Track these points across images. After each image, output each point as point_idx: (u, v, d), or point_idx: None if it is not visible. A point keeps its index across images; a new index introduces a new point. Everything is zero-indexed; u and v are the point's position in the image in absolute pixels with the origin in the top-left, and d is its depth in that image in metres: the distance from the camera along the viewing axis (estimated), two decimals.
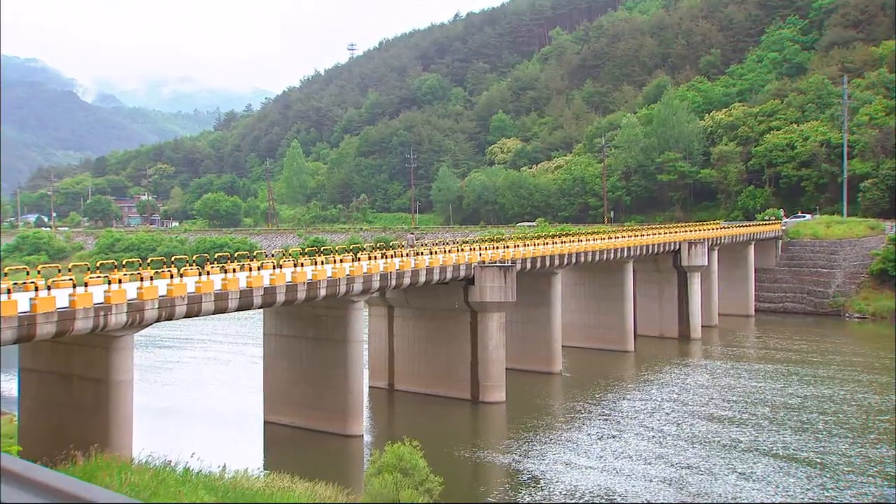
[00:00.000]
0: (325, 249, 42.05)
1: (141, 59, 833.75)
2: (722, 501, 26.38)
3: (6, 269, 27.53)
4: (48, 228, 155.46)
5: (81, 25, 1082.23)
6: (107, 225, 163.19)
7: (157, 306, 27.28)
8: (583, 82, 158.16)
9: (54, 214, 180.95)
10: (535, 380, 46.02)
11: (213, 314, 30.30)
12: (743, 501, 26.43)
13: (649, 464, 30.46)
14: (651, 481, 28.44)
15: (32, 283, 24.56)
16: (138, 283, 27.41)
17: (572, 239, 54.48)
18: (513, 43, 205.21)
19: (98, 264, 31.97)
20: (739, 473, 29.22)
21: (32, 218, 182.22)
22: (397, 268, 38.37)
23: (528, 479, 29.02)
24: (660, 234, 62.63)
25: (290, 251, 45.16)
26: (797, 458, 31.00)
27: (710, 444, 33.01)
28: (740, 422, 36.44)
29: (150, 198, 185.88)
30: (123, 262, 31.66)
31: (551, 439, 34.23)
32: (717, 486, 27.80)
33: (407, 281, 38.67)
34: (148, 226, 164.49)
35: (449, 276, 40.60)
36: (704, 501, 26.43)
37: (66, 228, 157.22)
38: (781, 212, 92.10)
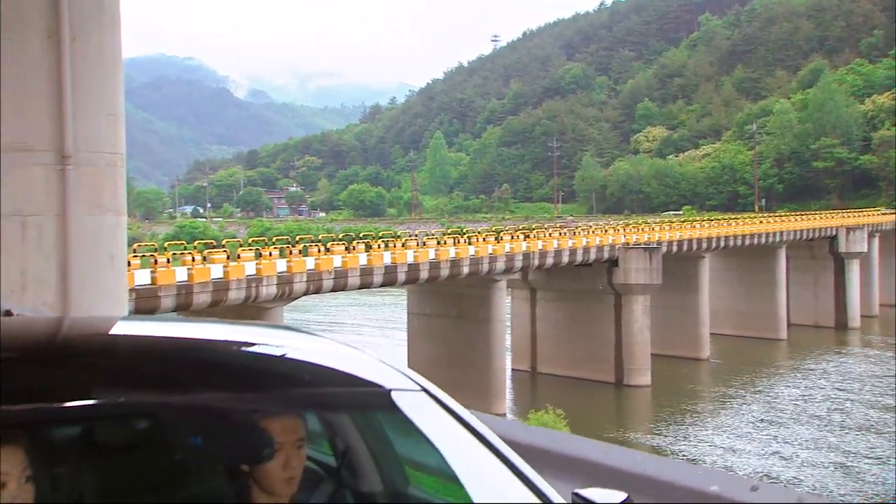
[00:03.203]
0: (468, 231, 42.26)
1: (289, 55, 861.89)
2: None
3: (165, 245, 28.86)
4: (203, 219, 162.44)
5: (234, 24, 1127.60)
6: (257, 215, 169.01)
7: (305, 279, 27.95)
8: (733, 68, 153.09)
9: (209, 205, 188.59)
10: (681, 365, 44.73)
11: (359, 289, 30.87)
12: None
13: (816, 450, 29.00)
14: (817, 467, 27.06)
15: (189, 253, 25.67)
16: (287, 259, 28.21)
17: (720, 222, 52.81)
18: (660, 30, 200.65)
19: (250, 240, 33.12)
20: None
21: (189, 209, 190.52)
22: (540, 248, 38.14)
23: (682, 460, 28.17)
24: (814, 219, 59.99)
25: (433, 233, 45.84)
26: None
27: (883, 433, 31.03)
28: None
29: (298, 189, 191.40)
30: (273, 240, 32.69)
31: (704, 423, 33.20)
32: (893, 474, 26.19)
33: (549, 261, 38.32)
34: (296, 216, 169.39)
35: (592, 257, 40.01)
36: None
37: (220, 219, 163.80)
38: None
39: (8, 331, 2.55)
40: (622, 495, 2.28)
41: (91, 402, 1.97)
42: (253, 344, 2.51)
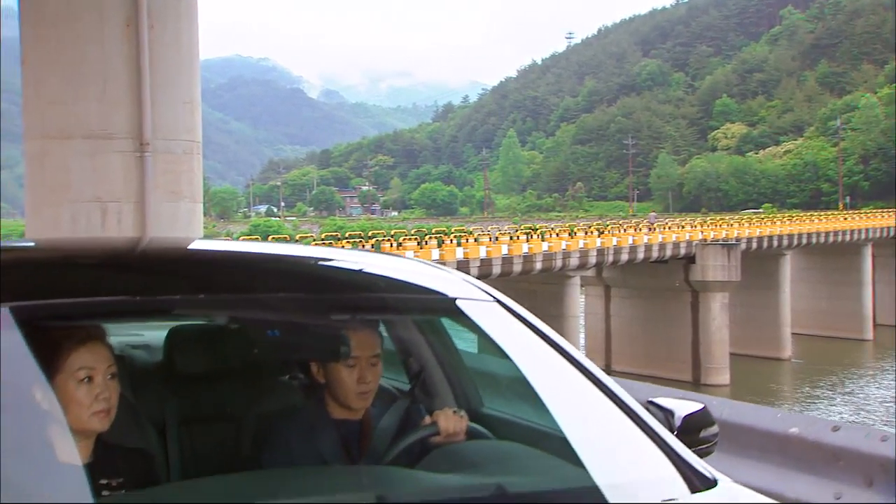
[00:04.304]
0: (541, 228, 42.04)
1: (362, 55, 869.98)
2: None
3: (240, 239, 29.37)
4: (277, 217, 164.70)
5: (307, 25, 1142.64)
6: (330, 214, 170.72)
7: None
8: (816, 63, 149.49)
9: (282, 204, 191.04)
10: (761, 365, 43.65)
11: None
12: None
13: None
14: None
15: None
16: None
17: (802, 219, 51.62)
18: (739, 25, 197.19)
19: (323, 236, 33.49)
20: None
21: (263, 208, 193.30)
22: (614, 244, 37.71)
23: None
24: None
25: (505, 229, 45.80)
26: None
27: None
28: None
29: (370, 188, 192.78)
30: (346, 235, 32.97)
31: None
32: None
33: (624, 257, 37.84)
34: (369, 215, 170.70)
35: (668, 253, 39.38)
36: None
37: (294, 218, 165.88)
38: None
39: (92, 242, 2.75)
40: (698, 405, 2.22)
41: (172, 297, 2.07)
42: (329, 259, 2.67)
